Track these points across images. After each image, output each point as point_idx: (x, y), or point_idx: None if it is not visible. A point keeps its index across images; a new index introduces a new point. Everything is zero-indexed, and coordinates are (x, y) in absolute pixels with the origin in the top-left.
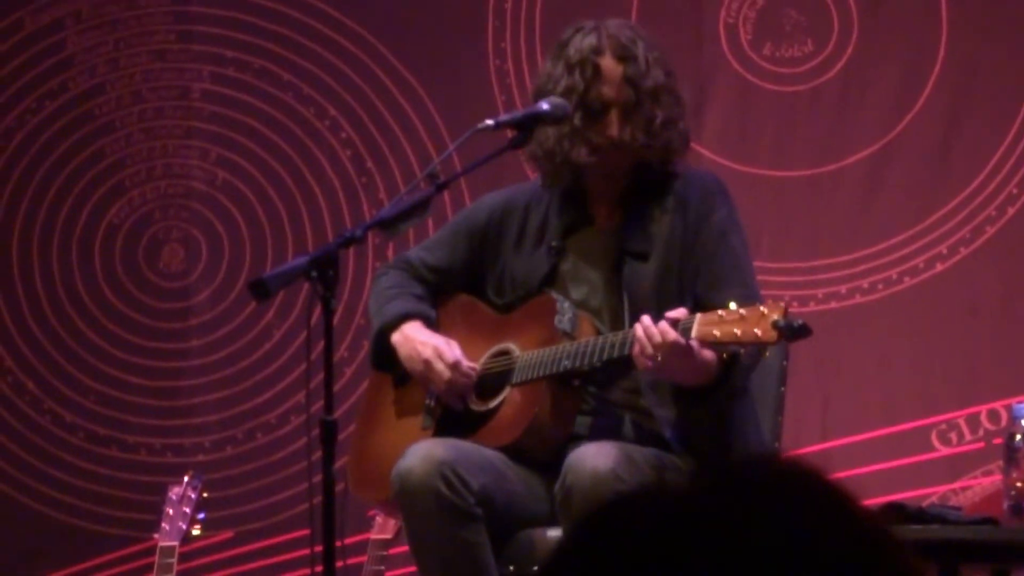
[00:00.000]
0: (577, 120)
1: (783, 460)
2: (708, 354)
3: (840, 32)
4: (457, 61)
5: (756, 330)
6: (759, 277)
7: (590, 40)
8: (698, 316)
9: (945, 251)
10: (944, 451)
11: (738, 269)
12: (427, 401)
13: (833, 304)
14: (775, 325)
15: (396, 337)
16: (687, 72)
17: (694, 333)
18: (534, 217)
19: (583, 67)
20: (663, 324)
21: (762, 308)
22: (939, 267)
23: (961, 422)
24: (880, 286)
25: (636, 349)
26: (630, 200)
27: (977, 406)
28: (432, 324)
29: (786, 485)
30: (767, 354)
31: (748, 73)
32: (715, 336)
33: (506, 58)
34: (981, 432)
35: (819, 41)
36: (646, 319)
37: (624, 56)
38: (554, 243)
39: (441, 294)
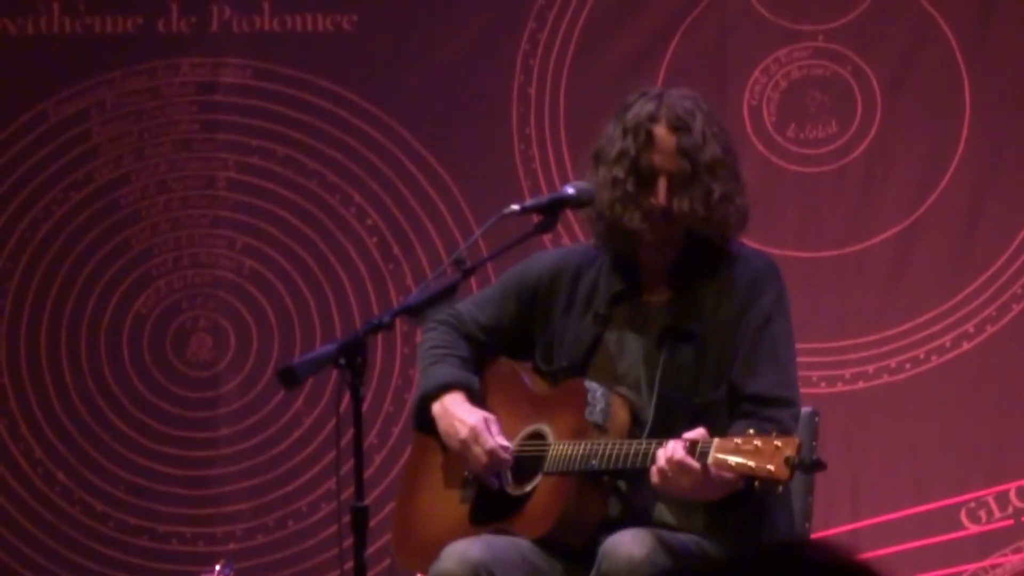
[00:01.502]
0: (630, 185)
1: (814, 545)
2: (726, 474)
3: (864, 112)
4: (482, 146)
5: (769, 466)
6: None
7: (648, 107)
8: (715, 442)
9: (972, 329)
10: (974, 529)
11: (776, 357)
12: (465, 473)
13: (861, 384)
14: (788, 462)
15: (436, 409)
16: None
17: (710, 460)
18: (585, 282)
19: (636, 133)
20: (679, 449)
21: (776, 442)
22: (966, 346)
23: (990, 500)
24: (908, 365)
25: (653, 469)
26: (680, 275)
27: (1006, 484)
28: (474, 394)
29: (819, 571)
30: (780, 489)
31: (772, 155)
32: (730, 465)
33: (531, 143)
34: (1010, 509)
35: (843, 122)
36: (668, 445)
37: (678, 126)
38: (601, 311)
39: (489, 352)
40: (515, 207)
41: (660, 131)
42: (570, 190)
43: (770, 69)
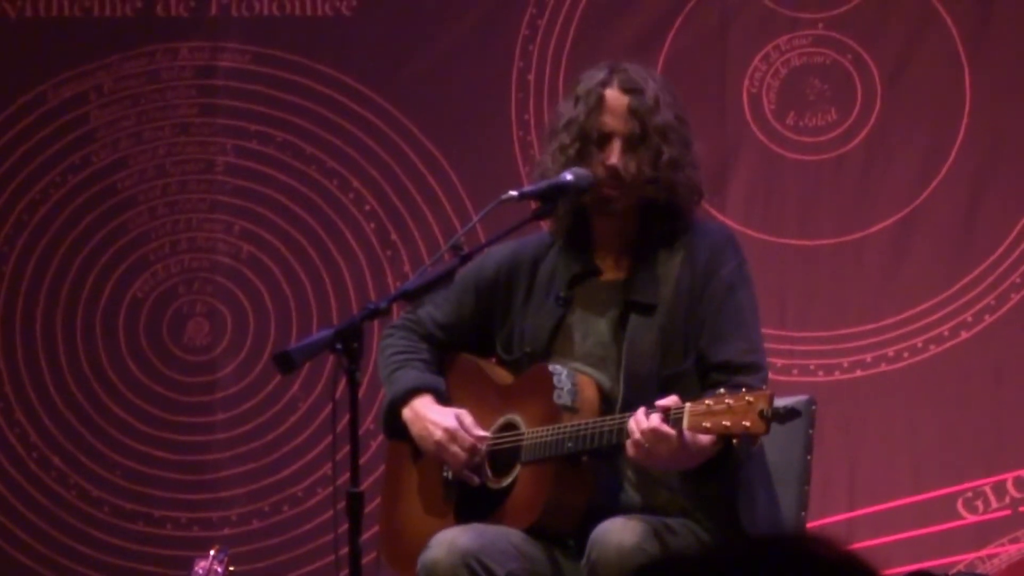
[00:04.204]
0: (573, 150)
1: (805, 536)
2: (703, 439)
3: (863, 101)
4: (480, 132)
5: (745, 422)
6: (785, 346)
7: (600, 75)
8: (687, 407)
9: (970, 319)
10: (971, 519)
11: (742, 324)
12: (444, 474)
13: (859, 373)
14: (762, 415)
15: (407, 413)
16: (711, 142)
17: (685, 424)
18: (543, 269)
19: (587, 98)
20: (654, 418)
21: (748, 398)
22: (964, 335)
23: (987, 490)
24: (906, 354)
25: (628, 442)
26: (637, 251)
27: (1003, 473)
28: (441, 395)
29: (808, 561)
30: (759, 443)
31: (772, 143)
32: (705, 428)
33: (529, 129)
34: (1007, 499)
35: (843, 110)
36: (639, 415)
37: (630, 89)
38: (562, 293)
39: (449, 351)
40: (513, 193)
41: (612, 93)
42: (568, 176)
43: (770, 56)
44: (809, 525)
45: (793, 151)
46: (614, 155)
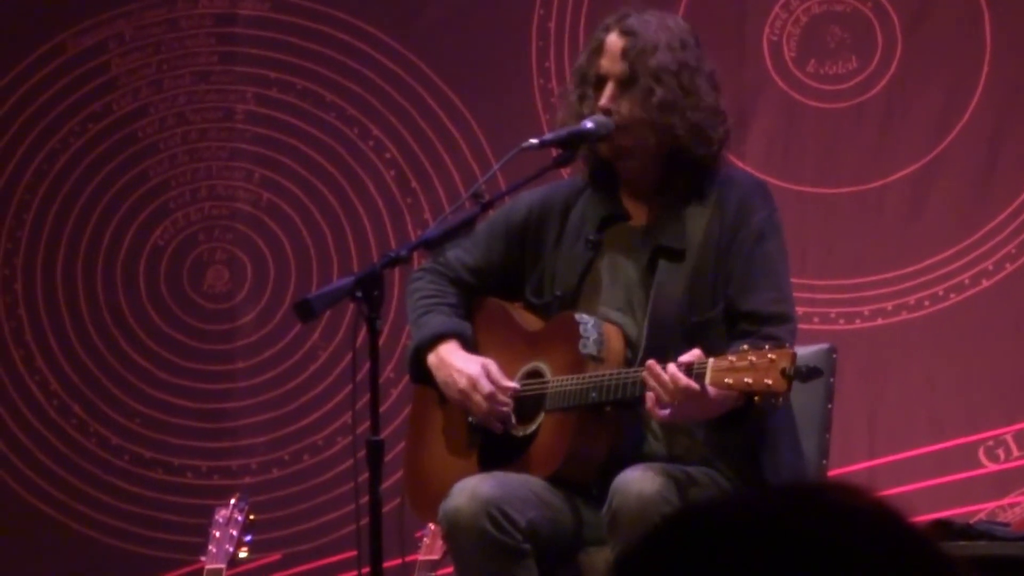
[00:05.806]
0: (574, 96)
1: (829, 485)
2: (726, 393)
3: (884, 49)
4: (501, 81)
5: (767, 380)
6: (806, 295)
7: (608, 20)
8: (710, 362)
9: (991, 267)
10: (991, 467)
11: (772, 274)
12: (469, 419)
13: (879, 321)
14: (784, 374)
15: (432, 359)
16: (731, 90)
17: (708, 379)
18: (574, 214)
19: (591, 43)
20: (674, 370)
21: (771, 355)
22: (985, 283)
23: (1008, 438)
24: (926, 302)
25: (651, 398)
26: (666, 197)
27: None
28: (468, 340)
29: (835, 504)
30: (781, 401)
31: (792, 90)
32: (727, 384)
33: (550, 77)
34: None
35: (863, 58)
36: (653, 367)
37: (627, 31)
38: (591, 237)
39: (477, 295)
40: (534, 141)
41: (611, 37)
42: (589, 124)
43: (790, 4)
44: (830, 474)
45: (813, 99)
46: (605, 97)
